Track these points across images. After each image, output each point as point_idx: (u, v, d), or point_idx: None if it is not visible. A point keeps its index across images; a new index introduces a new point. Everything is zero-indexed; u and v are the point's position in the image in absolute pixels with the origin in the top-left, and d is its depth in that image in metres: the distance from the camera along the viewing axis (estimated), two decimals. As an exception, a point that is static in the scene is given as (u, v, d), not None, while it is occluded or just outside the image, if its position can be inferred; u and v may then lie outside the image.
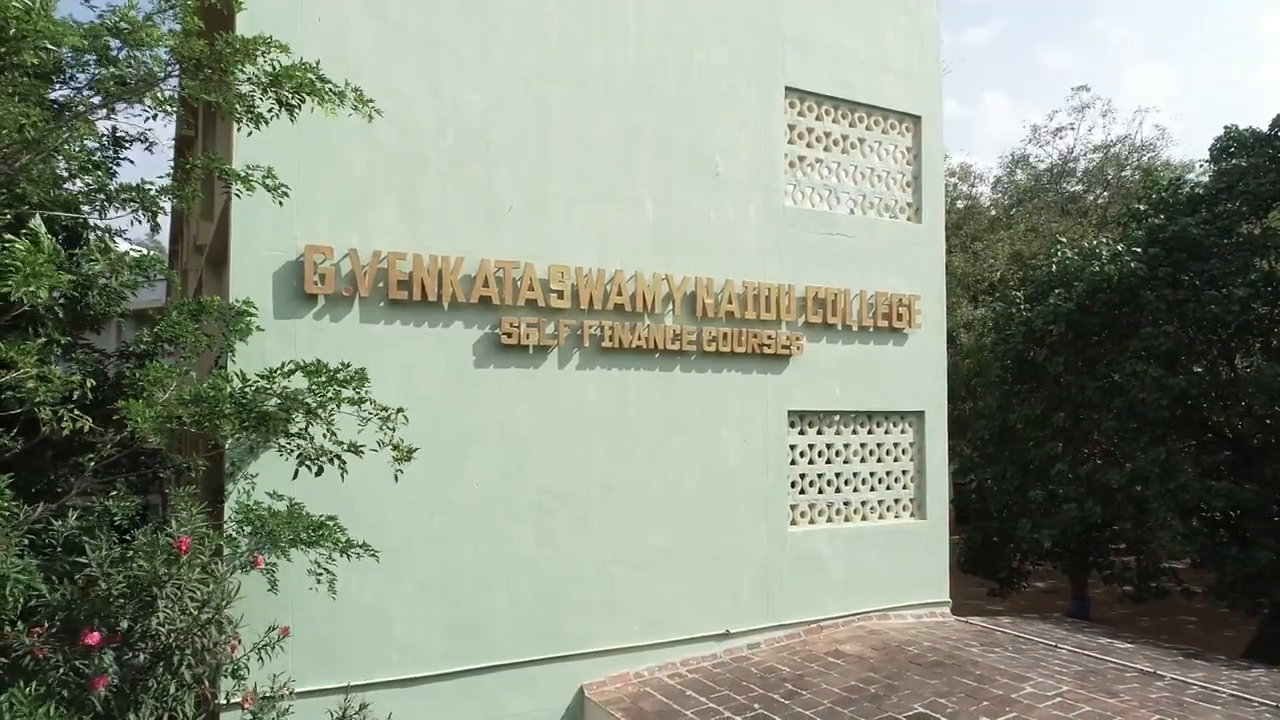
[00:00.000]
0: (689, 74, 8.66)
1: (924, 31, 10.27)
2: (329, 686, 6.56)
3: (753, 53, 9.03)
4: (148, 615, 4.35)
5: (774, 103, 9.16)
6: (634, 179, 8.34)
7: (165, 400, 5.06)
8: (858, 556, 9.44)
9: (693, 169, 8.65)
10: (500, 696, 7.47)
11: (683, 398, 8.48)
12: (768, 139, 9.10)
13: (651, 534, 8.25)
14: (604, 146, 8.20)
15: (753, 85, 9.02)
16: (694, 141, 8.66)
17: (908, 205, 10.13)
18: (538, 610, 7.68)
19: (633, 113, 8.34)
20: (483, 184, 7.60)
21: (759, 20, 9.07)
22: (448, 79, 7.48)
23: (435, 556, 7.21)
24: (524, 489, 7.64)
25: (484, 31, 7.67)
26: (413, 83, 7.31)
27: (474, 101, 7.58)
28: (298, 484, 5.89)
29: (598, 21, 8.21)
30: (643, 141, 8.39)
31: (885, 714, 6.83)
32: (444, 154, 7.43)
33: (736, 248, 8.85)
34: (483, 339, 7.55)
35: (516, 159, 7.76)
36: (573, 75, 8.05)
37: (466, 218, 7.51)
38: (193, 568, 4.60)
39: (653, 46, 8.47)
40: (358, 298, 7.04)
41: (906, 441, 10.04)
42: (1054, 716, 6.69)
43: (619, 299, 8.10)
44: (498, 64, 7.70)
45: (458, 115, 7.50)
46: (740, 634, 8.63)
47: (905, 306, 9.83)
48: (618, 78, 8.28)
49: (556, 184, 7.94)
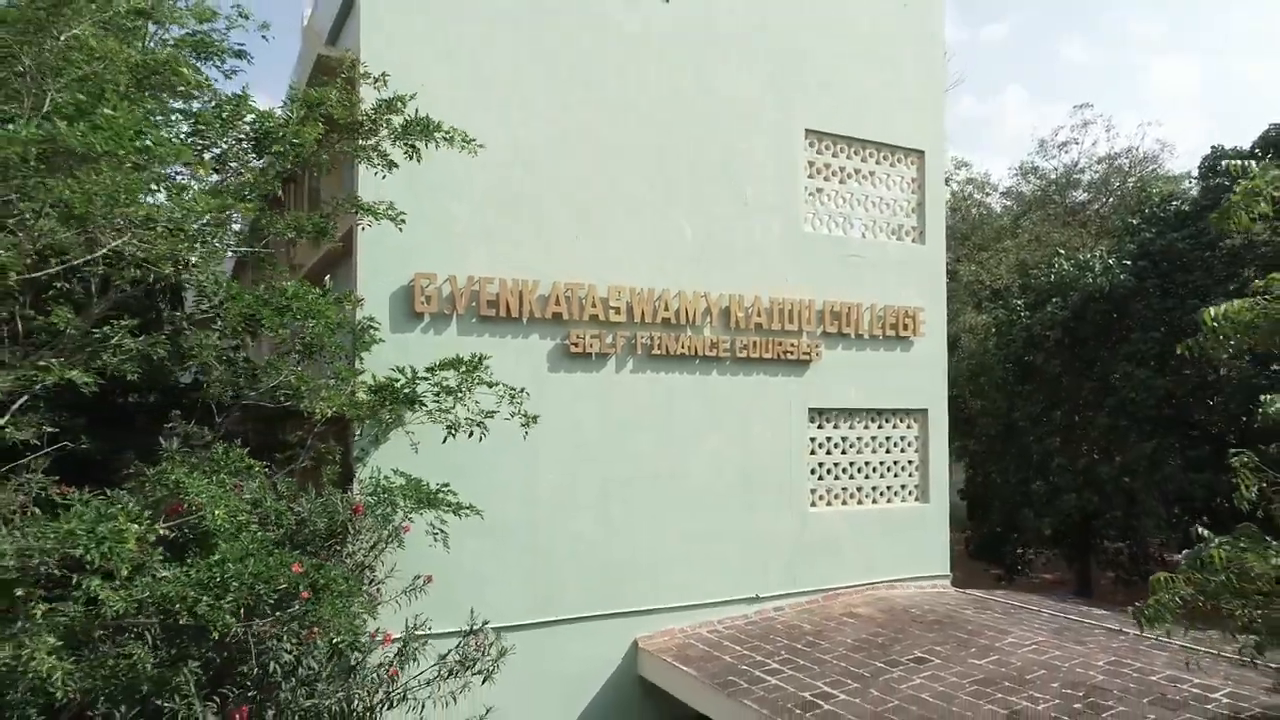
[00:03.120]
0: (723, 119, 10.14)
1: (928, 76, 11.71)
2: (445, 630, 8.09)
3: (777, 102, 10.50)
4: (342, 545, 5.90)
5: (795, 142, 10.64)
6: (676, 210, 9.84)
7: (350, 390, 6.69)
8: (869, 535, 10.91)
9: (726, 200, 10.14)
10: (569, 646, 8.98)
11: (719, 397, 9.98)
12: (790, 173, 10.58)
13: (692, 514, 9.75)
14: (651, 182, 9.70)
15: (778, 129, 10.50)
16: (727, 176, 10.15)
17: (913, 229, 11.58)
18: (598, 576, 9.19)
19: (674, 153, 9.84)
20: (552, 217, 9.12)
21: (784, 74, 10.54)
22: (522, 129, 9.00)
23: (519, 530, 8.73)
24: (588, 476, 9.15)
25: (550, 87, 9.19)
26: (494, 131, 8.76)
27: (543, 146, 9.10)
28: (412, 469, 7.45)
29: (643, 75, 9.71)
30: (683, 178, 9.88)
31: (889, 657, 8.30)
32: (521, 193, 8.95)
33: (763, 267, 10.33)
34: (554, 348, 9.08)
35: (579, 192, 9.28)
36: (622, 122, 9.56)
37: (540, 247, 9.04)
38: (367, 519, 6.15)
39: (693, 97, 9.97)
40: (455, 315, 8.59)
41: (911, 435, 11.49)
42: (1028, 658, 8.15)
43: (665, 313, 9.61)
44: (564, 114, 9.22)
45: (532, 159, 9.02)
46: (768, 599, 10.11)
47: (910, 317, 11.28)
48: (661, 123, 9.78)
49: (612, 215, 9.45)
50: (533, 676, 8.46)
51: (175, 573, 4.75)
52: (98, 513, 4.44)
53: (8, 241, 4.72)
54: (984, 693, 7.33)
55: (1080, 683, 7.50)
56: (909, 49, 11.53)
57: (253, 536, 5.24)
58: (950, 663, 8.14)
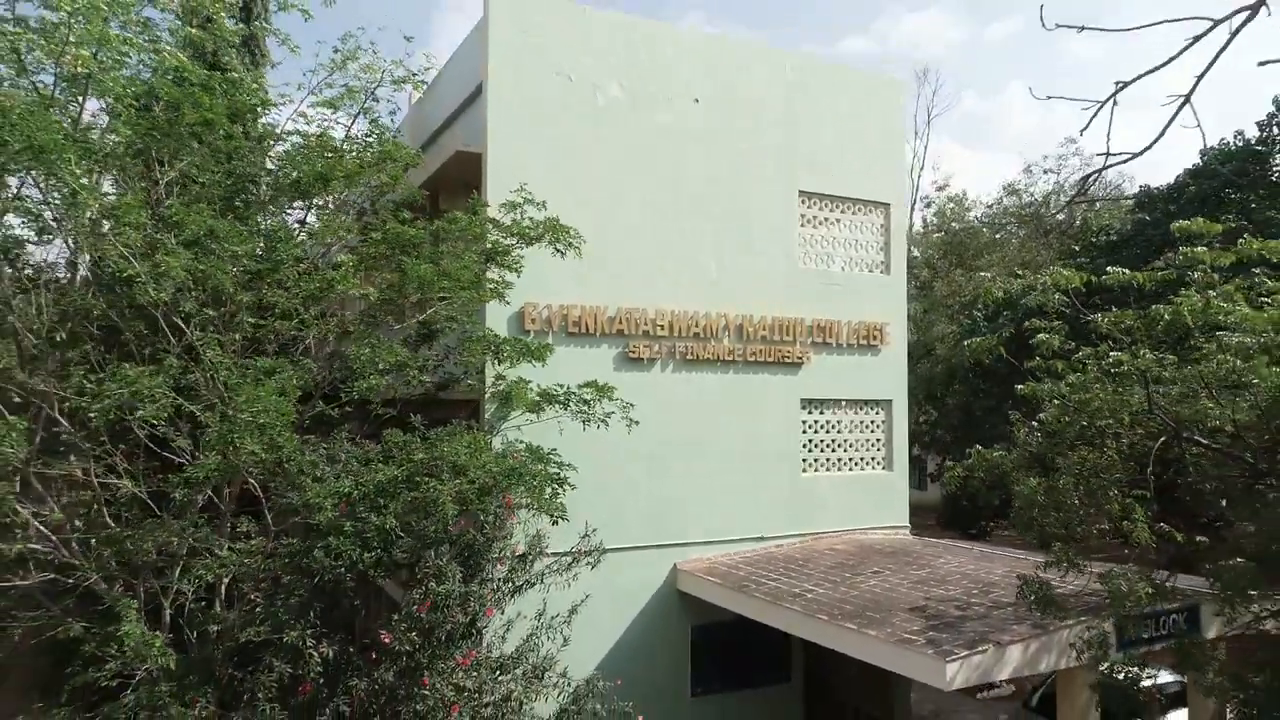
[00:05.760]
0: (739, 186, 13.78)
1: (891, 148, 15.35)
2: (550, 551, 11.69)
3: (778, 172, 14.13)
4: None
5: (792, 200, 14.27)
6: (704, 254, 13.47)
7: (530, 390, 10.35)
8: (846, 493, 14.53)
9: (740, 245, 13.76)
10: (627, 568, 12.57)
11: (734, 390, 13.60)
12: (788, 224, 14.21)
13: (716, 475, 13.37)
14: (686, 233, 13.32)
15: (779, 192, 14.13)
16: (741, 228, 13.77)
17: (881, 263, 15.21)
18: (649, 518, 12.80)
19: (703, 213, 13.46)
20: (615, 261, 12.73)
21: (783, 151, 14.17)
22: (596, 199, 12.61)
23: (594, 484, 12.31)
24: (642, 446, 12.73)
25: (615, 169, 12.81)
26: (575, 201, 12.35)
27: (610, 212, 12.71)
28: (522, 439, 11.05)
29: (681, 156, 13.34)
30: (709, 230, 13.50)
31: (855, 572, 11.93)
32: (595, 246, 12.55)
33: (767, 294, 13.94)
34: (618, 354, 12.71)
35: (636, 243, 12.90)
36: (667, 191, 13.19)
37: (608, 283, 12.66)
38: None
39: (716, 171, 13.60)
40: (551, 331, 12.22)
41: (879, 419, 15.12)
42: (951, 570, 11.78)
43: (696, 329, 13.24)
44: (625, 188, 12.85)
45: (602, 222, 12.61)
46: (770, 538, 13.74)
47: (878, 330, 14.91)
48: (694, 192, 13.40)
49: (658, 259, 13.08)
50: (606, 586, 12.06)
51: (448, 485, 8.31)
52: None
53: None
54: (915, 588, 10.97)
55: (981, 580, 11.14)
56: (876, 130, 15.18)
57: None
58: (896, 574, 11.78)
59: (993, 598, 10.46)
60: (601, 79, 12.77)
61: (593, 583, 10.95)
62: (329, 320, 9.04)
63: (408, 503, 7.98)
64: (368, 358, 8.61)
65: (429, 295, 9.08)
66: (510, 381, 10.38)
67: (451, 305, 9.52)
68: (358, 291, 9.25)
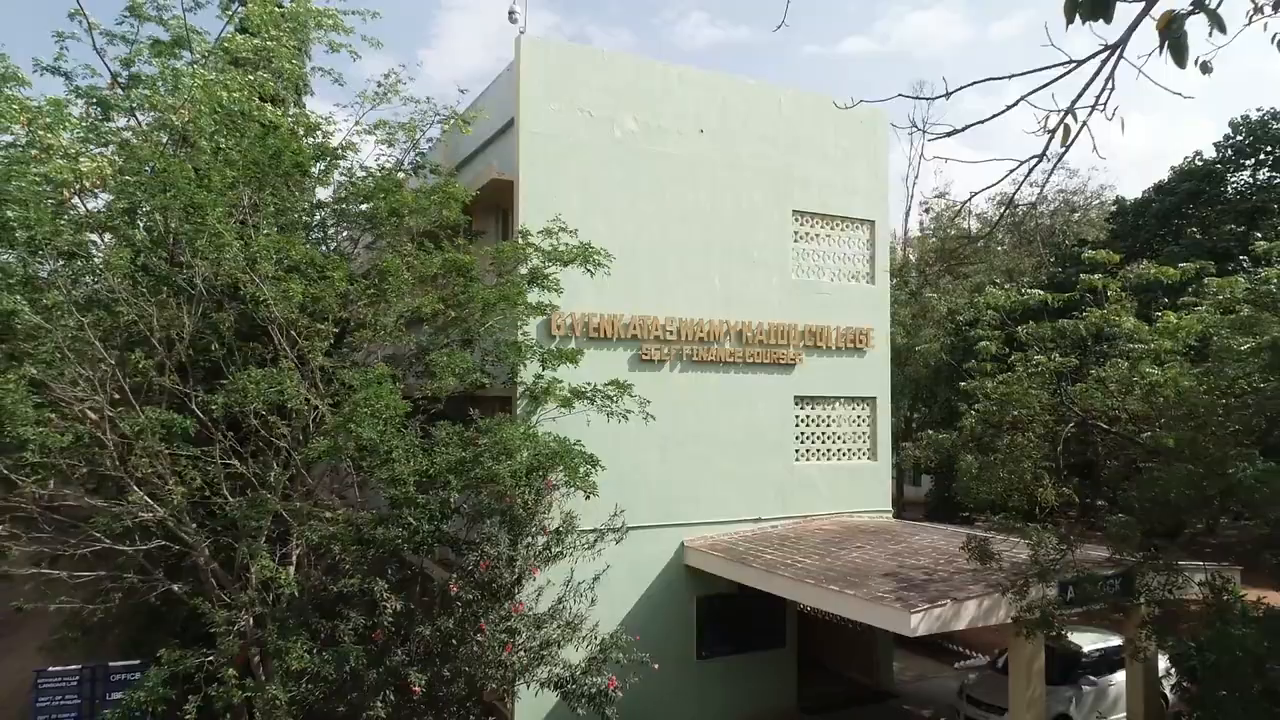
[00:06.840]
0: (740, 206, 15.50)
1: (877, 167, 17.08)
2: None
3: (774, 193, 15.85)
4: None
5: (786, 219, 16.00)
6: (709, 268, 15.19)
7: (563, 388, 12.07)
8: (834, 480, 16.26)
9: (741, 260, 15.48)
10: (641, 544, 14.28)
11: (735, 388, 15.32)
12: (782, 240, 15.94)
13: (718, 462, 15.09)
14: (692, 248, 15.05)
15: (774, 211, 15.86)
16: (741, 243, 15.50)
17: (866, 274, 16.94)
18: (660, 499, 14.53)
19: (709, 231, 15.18)
20: (629, 273, 14.45)
21: (779, 175, 15.90)
22: (615, 222, 14.33)
23: (611, 470, 14.01)
24: (653, 436, 14.46)
25: (633, 194, 14.53)
26: (597, 223, 14.08)
27: (627, 232, 14.43)
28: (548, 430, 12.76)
29: (691, 180, 15.06)
30: (714, 246, 15.23)
31: (840, 547, 13.65)
32: (614, 264, 14.28)
33: (764, 303, 15.67)
34: (632, 356, 14.44)
35: (649, 259, 14.63)
36: (677, 212, 14.91)
37: (623, 293, 14.38)
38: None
39: (720, 193, 15.32)
40: (574, 336, 13.95)
41: (865, 414, 16.84)
42: (924, 545, 13.52)
43: (701, 334, 14.97)
44: (642, 212, 14.57)
45: (620, 242, 14.33)
46: (766, 520, 15.47)
47: (864, 335, 16.64)
48: (701, 212, 15.13)
49: (669, 273, 14.81)
50: (622, 559, 13.76)
51: (504, 465, 10.01)
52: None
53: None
54: (890, 559, 12.71)
55: (948, 553, 12.87)
56: (861, 155, 16.91)
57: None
58: (876, 548, 13.51)
59: (956, 565, 12.18)
60: (618, 114, 14.51)
61: (612, 557, 12.65)
62: (406, 332, 10.80)
63: (469, 480, 9.70)
64: (445, 363, 10.35)
65: (488, 315, 10.81)
66: (547, 379, 12.07)
67: (504, 320, 11.25)
68: (408, 308, 10.91)
